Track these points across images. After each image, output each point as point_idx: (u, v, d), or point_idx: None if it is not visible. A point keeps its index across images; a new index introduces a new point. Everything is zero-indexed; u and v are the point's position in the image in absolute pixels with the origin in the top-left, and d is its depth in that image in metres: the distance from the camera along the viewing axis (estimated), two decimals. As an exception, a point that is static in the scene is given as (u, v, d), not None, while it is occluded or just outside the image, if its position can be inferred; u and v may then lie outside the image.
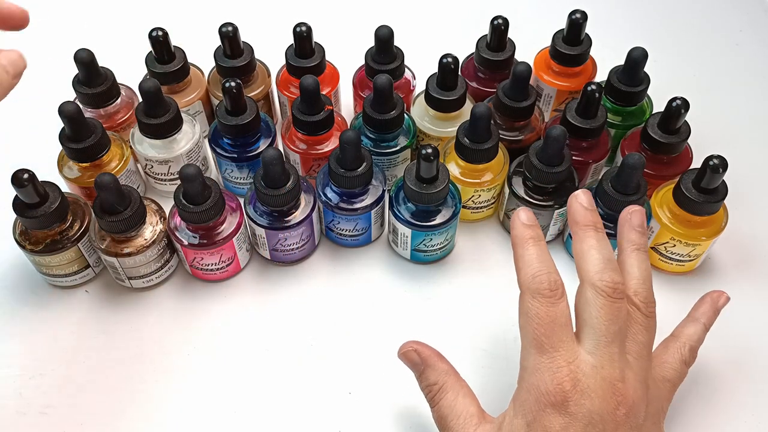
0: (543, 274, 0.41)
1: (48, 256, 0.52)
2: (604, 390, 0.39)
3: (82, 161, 0.55)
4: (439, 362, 0.45)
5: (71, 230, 0.52)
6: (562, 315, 0.40)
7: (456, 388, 0.43)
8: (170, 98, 0.56)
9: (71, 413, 0.50)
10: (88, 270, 0.55)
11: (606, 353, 0.40)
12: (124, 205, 0.50)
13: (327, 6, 0.78)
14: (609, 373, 0.39)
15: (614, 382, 0.39)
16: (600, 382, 0.39)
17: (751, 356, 0.53)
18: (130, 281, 0.54)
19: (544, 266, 0.42)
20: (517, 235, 0.43)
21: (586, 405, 0.38)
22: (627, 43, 0.59)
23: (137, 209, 0.50)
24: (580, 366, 0.39)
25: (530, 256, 0.42)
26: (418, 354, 0.45)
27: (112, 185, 0.48)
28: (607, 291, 0.41)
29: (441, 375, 0.44)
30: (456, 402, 0.43)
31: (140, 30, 0.60)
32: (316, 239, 0.58)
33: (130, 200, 0.50)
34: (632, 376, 0.40)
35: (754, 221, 0.60)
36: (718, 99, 0.70)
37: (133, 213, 0.50)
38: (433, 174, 0.51)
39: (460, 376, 0.44)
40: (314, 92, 0.54)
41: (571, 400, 0.38)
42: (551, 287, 0.41)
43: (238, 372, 0.52)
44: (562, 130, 0.51)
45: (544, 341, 0.39)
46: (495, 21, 0.59)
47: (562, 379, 0.38)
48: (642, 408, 0.40)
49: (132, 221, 0.50)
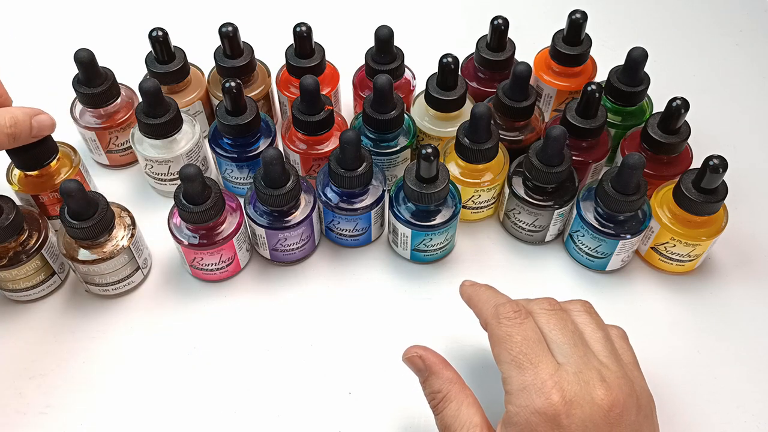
0: (504, 303, 0.43)
1: (14, 269, 0.52)
2: (592, 394, 0.38)
3: (29, 170, 0.55)
4: (443, 370, 0.44)
5: (31, 240, 0.52)
6: (533, 331, 0.41)
7: (460, 397, 0.43)
8: (170, 98, 0.56)
9: (71, 413, 0.50)
10: (54, 278, 0.55)
11: (578, 357, 0.40)
12: (91, 212, 0.50)
13: (327, 6, 0.78)
14: (590, 376, 0.39)
15: (598, 384, 0.39)
16: (585, 387, 0.39)
17: (751, 356, 0.53)
18: (100, 288, 0.54)
19: (502, 297, 0.45)
20: (467, 286, 0.48)
21: (577, 414, 0.38)
22: (627, 43, 0.59)
23: (105, 215, 0.50)
24: (563, 375, 0.39)
25: (485, 294, 0.45)
26: (422, 360, 0.44)
27: (78, 192, 0.48)
28: (545, 305, 0.43)
29: (445, 383, 0.43)
30: (460, 412, 0.42)
31: (140, 30, 0.60)
32: (316, 239, 0.58)
33: (97, 206, 0.50)
34: (611, 374, 0.40)
35: (754, 221, 0.60)
36: (718, 99, 0.70)
37: (101, 219, 0.50)
38: (433, 174, 0.51)
39: (465, 385, 0.44)
40: (314, 92, 0.54)
41: (562, 413, 0.38)
42: (515, 309, 0.42)
43: (238, 372, 0.52)
44: (562, 130, 0.51)
45: (523, 359, 0.40)
46: (495, 21, 0.59)
47: (550, 392, 0.38)
48: (633, 403, 0.40)
49: (100, 227, 0.50)
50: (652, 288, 0.57)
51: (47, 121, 0.51)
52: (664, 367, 0.52)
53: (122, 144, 0.62)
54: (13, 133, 0.49)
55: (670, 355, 0.53)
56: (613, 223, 0.53)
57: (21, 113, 0.49)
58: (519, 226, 0.58)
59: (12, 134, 0.49)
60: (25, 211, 0.53)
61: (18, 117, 0.49)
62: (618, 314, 0.55)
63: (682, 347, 0.53)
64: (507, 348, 0.41)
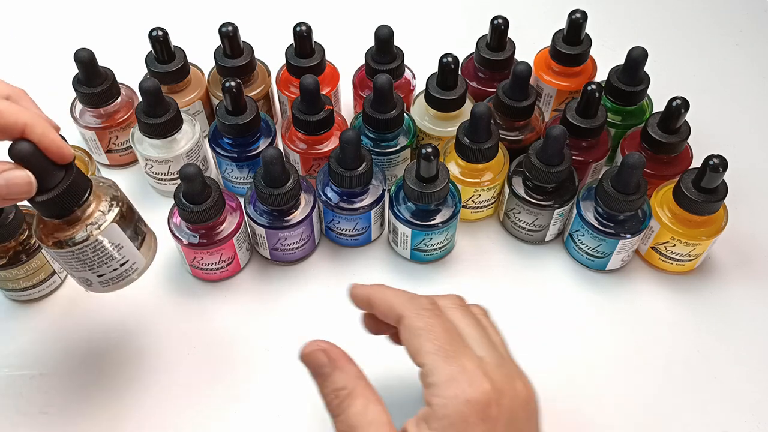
0: (418, 296, 0.41)
1: (14, 268, 0.52)
2: (514, 385, 0.38)
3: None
4: (348, 364, 0.40)
5: (31, 239, 0.52)
6: (451, 324, 0.40)
7: (366, 393, 0.38)
8: (170, 98, 0.56)
9: (71, 413, 0.50)
10: (54, 278, 0.55)
11: (493, 351, 0.39)
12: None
13: (327, 6, 0.78)
14: (510, 368, 0.39)
15: (517, 377, 0.39)
16: (508, 378, 0.38)
17: (751, 356, 0.53)
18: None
19: (409, 293, 0.42)
20: (359, 287, 0.45)
21: (506, 404, 0.37)
22: (627, 43, 0.59)
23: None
24: (488, 367, 0.38)
25: (388, 291, 0.43)
26: (326, 354, 0.40)
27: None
28: (456, 301, 0.42)
29: (351, 379, 0.39)
30: (367, 409, 0.38)
31: (140, 30, 0.60)
32: (316, 239, 0.58)
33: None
34: (519, 369, 0.40)
35: (754, 221, 0.60)
36: (718, 99, 0.70)
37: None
38: (433, 173, 0.51)
39: (369, 383, 0.40)
40: (314, 92, 0.54)
41: (493, 402, 0.37)
42: (430, 302, 0.41)
43: (238, 372, 0.52)
44: (562, 130, 0.51)
45: (448, 348, 0.38)
46: (495, 21, 0.59)
47: (481, 382, 0.37)
48: (535, 398, 0.40)
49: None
50: (652, 288, 0.57)
51: (20, 179, 0.37)
52: (664, 367, 0.52)
53: (122, 144, 0.62)
54: None
55: (670, 355, 0.53)
56: (613, 222, 0.53)
57: None
58: (519, 225, 0.58)
59: None
60: (26, 210, 0.53)
61: None
62: (618, 314, 0.56)
63: (682, 347, 0.53)
64: (430, 339, 0.38)
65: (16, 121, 0.37)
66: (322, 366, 0.40)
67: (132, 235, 0.43)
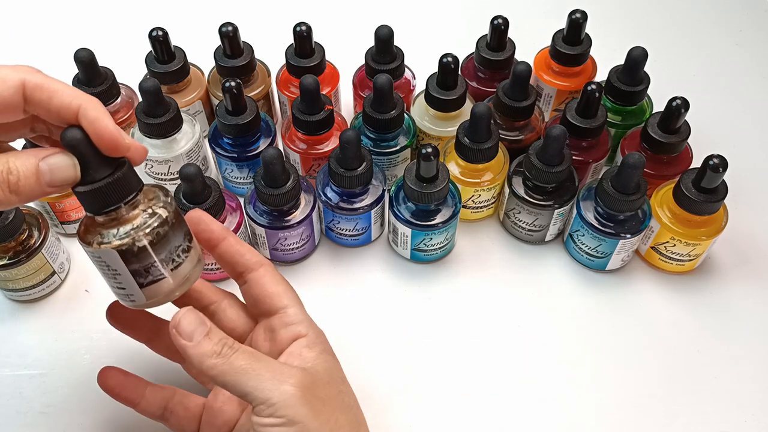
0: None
1: (14, 268, 0.52)
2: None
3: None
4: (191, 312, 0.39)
5: (31, 239, 0.52)
6: None
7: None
8: (170, 98, 0.56)
9: (71, 413, 0.50)
10: (54, 277, 0.55)
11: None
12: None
13: (327, 6, 0.78)
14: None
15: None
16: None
17: (751, 356, 0.53)
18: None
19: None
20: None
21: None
22: (627, 43, 0.59)
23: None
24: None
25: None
26: (197, 314, 0.39)
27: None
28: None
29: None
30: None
31: (140, 30, 0.60)
32: (316, 239, 0.58)
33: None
34: None
35: (754, 221, 0.60)
36: (718, 99, 0.70)
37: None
38: (433, 173, 0.51)
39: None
40: (314, 92, 0.54)
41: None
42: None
43: (238, 372, 0.52)
44: (562, 130, 0.51)
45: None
46: (495, 21, 0.59)
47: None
48: None
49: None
50: (652, 288, 0.57)
51: (62, 163, 0.34)
52: (664, 367, 0.52)
53: (122, 144, 0.62)
54: (8, 187, 0.33)
55: (670, 355, 0.53)
56: (613, 222, 0.53)
57: (21, 159, 0.34)
58: (519, 225, 0.58)
59: (9, 189, 0.34)
60: (26, 210, 0.53)
61: (15, 164, 0.34)
62: (618, 314, 0.56)
63: (682, 347, 0.53)
64: (290, 290, 0.46)
65: (71, 102, 0.34)
66: (202, 323, 0.39)
67: (137, 271, 0.38)
